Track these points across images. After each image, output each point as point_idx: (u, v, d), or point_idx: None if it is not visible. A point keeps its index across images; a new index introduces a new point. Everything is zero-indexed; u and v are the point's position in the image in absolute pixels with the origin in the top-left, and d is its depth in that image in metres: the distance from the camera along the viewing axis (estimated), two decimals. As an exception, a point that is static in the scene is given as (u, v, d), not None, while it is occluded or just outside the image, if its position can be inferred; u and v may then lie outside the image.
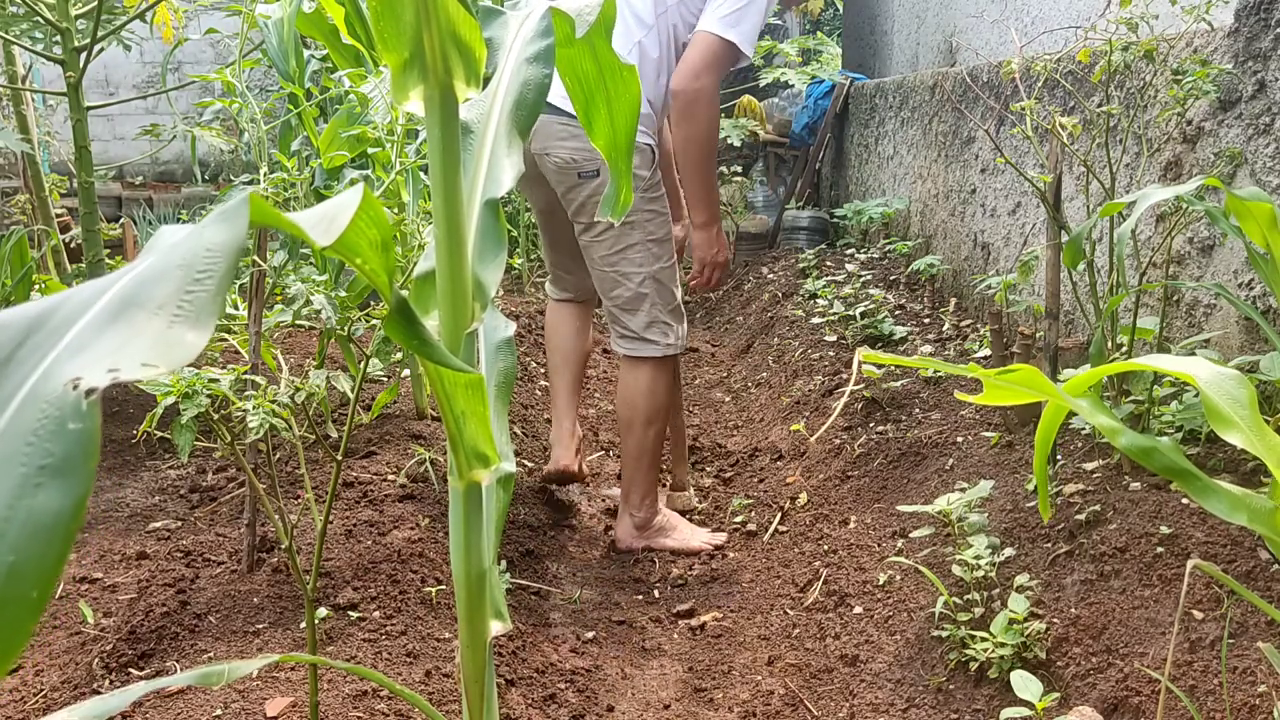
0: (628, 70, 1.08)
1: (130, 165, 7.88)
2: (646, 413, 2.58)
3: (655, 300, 2.49)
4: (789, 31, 7.95)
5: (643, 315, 2.50)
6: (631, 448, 2.62)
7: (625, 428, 2.63)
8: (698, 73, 2.30)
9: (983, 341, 2.96)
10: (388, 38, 0.84)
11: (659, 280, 2.50)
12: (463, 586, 0.96)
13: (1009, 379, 0.94)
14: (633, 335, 2.54)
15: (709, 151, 2.42)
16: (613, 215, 1.15)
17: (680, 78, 2.33)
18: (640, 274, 2.47)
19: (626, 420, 2.62)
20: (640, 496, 2.64)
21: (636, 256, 2.46)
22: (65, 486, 0.40)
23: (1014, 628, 1.66)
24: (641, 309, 2.50)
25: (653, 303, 2.49)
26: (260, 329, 1.88)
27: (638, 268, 2.47)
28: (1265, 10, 1.97)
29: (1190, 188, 1.47)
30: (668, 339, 2.54)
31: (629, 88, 1.10)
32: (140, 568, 2.07)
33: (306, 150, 3.13)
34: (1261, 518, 0.91)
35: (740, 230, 5.66)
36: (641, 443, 2.60)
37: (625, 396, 2.62)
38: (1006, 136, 3.07)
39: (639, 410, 2.58)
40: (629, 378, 2.59)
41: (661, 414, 2.61)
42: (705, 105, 2.33)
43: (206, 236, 0.52)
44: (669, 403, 2.64)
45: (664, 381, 2.58)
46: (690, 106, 2.32)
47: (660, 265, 2.49)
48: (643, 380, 2.57)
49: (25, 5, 3.01)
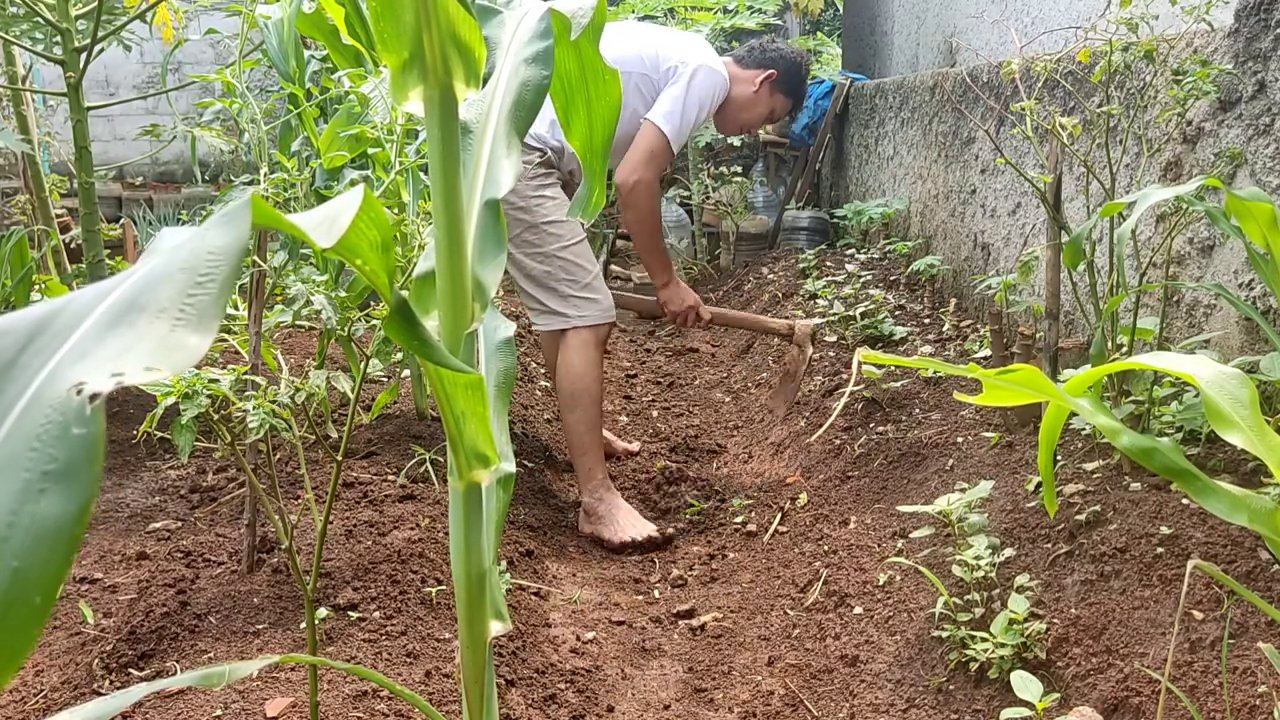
0: (610, 74, 1.08)
1: (130, 165, 7.87)
2: (567, 394, 2.75)
3: (562, 277, 2.71)
4: (789, 32, 7.95)
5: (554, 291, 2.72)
6: (566, 432, 2.81)
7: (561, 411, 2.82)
8: (636, 168, 2.70)
9: (983, 342, 2.96)
10: (388, 38, 0.84)
11: (563, 258, 2.70)
12: (463, 587, 0.96)
13: (1009, 379, 0.94)
14: (546, 309, 2.75)
15: (654, 229, 2.85)
16: (584, 215, 1.16)
17: (622, 171, 2.72)
18: (540, 253, 2.69)
19: (561, 405, 2.81)
20: (583, 480, 2.76)
21: (531, 238, 2.68)
22: (69, 492, 0.40)
23: (1014, 628, 1.66)
24: (550, 284, 2.72)
25: (559, 280, 2.71)
26: (260, 329, 1.88)
27: (537, 248, 2.68)
28: (1265, 10, 1.97)
29: (1190, 188, 1.47)
30: (580, 311, 2.73)
31: (610, 91, 1.10)
32: (140, 568, 2.07)
33: (307, 150, 3.13)
34: (1261, 518, 0.91)
35: (740, 230, 5.66)
36: (568, 427, 2.79)
37: (556, 380, 2.82)
38: (1006, 137, 3.07)
39: (562, 392, 2.78)
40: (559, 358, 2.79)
41: (582, 399, 2.73)
42: (644, 196, 2.74)
43: (209, 239, 0.52)
44: (590, 386, 2.74)
45: (582, 361, 2.73)
46: (631, 196, 2.73)
47: (563, 244, 2.70)
48: (564, 357, 2.76)
49: (25, 5, 3.01)
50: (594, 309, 2.74)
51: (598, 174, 1.15)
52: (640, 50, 2.76)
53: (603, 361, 2.89)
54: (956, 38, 4.01)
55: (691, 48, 2.81)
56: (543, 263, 2.69)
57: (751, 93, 3.01)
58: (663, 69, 2.75)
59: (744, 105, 3.01)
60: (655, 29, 2.98)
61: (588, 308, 2.73)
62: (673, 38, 2.87)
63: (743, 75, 3.01)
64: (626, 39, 2.80)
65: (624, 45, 2.75)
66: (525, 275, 2.73)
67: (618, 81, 1.10)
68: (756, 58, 3.06)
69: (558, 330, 2.80)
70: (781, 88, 3.06)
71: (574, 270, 2.71)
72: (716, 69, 2.79)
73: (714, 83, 2.78)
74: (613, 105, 1.11)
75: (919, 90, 4.18)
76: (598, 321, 2.75)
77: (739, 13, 5.93)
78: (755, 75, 3.01)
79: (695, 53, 2.79)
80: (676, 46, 2.80)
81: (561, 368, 2.77)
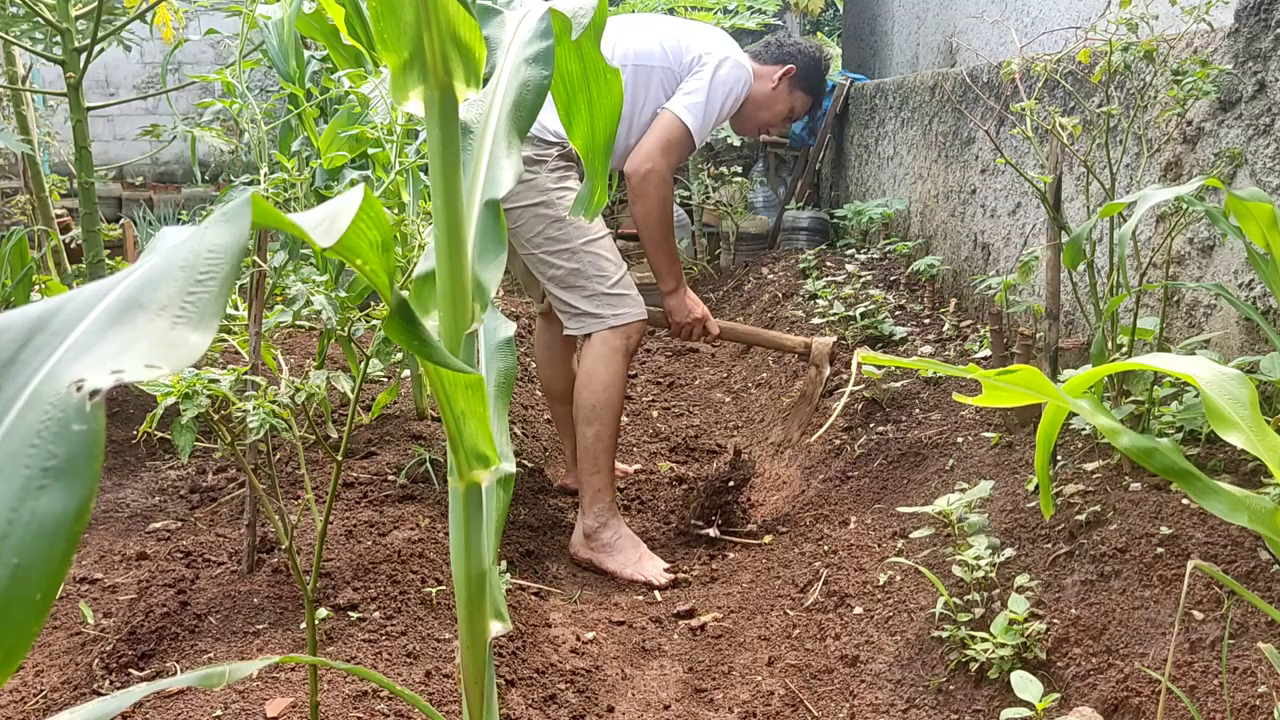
0: (612, 73, 1.09)
1: (130, 166, 7.88)
2: (586, 407, 2.53)
3: (591, 274, 2.52)
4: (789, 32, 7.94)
5: (582, 290, 2.53)
6: (579, 445, 2.59)
7: (576, 423, 2.61)
8: (651, 155, 2.51)
9: (983, 342, 2.96)
10: (388, 38, 0.85)
11: (591, 253, 2.52)
12: (463, 587, 0.97)
13: (1009, 380, 0.94)
14: (578, 311, 2.54)
15: (666, 226, 2.60)
16: (586, 214, 1.16)
17: (634, 159, 2.53)
18: (567, 249, 2.50)
19: (577, 416, 2.59)
20: (588, 501, 2.56)
21: (556, 233, 2.50)
22: (69, 488, 0.40)
23: (1014, 628, 1.66)
24: (578, 283, 2.52)
25: (588, 276, 2.52)
26: (260, 329, 1.88)
27: (564, 244, 2.50)
28: (1265, 10, 1.97)
29: (1190, 188, 1.47)
30: (615, 309, 2.52)
31: (612, 90, 1.10)
32: (140, 568, 2.07)
33: (307, 151, 3.13)
34: (1261, 518, 0.91)
35: (740, 231, 5.66)
36: (582, 441, 2.56)
37: (575, 388, 2.60)
38: (1006, 137, 3.07)
39: (581, 403, 2.55)
40: (581, 365, 2.58)
41: (602, 412, 2.52)
42: (655, 185, 2.53)
43: (209, 238, 0.52)
44: (614, 400, 2.54)
45: (609, 372, 2.52)
46: (641, 185, 2.53)
47: (588, 238, 2.52)
48: (588, 365, 2.54)
49: (25, 5, 3.01)
50: (629, 306, 2.54)
51: (599, 173, 1.15)
52: (662, 42, 2.62)
53: (628, 374, 2.64)
54: (956, 38, 4.01)
55: (715, 39, 2.68)
56: (570, 259, 2.50)
57: (770, 89, 2.86)
58: (685, 60, 2.61)
59: (763, 103, 2.86)
60: (676, 21, 2.82)
61: (622, 305, 2.53)
62: (695, 29, 2.72)
63: (761, 71, 2.85)
64: (648, 31, 2.65)
65: (645, 38, 2.62)
66: (552, 279, 2.54)
67: (619, 80, 1.10)
68: (774, 53, 2.91)
69: (574, 337, 2.63)
70: (801, 84, 2.91)
71: (603, 265, 2.52)
72: (742, 61, 2.65)
73: (739, 76, 2.63)
74: (614, 104, 1.11)
75: (919, 90, 4.18)
76: (633, 319, 2.54)
77: (739, 13, 5.93)
78: (774, 71, 2.86)
79: (719, 45, 2.65)
80: (699, 38, 2.66)
81: (584, 376, 2.55)
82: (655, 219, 2.58)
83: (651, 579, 2.45)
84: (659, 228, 2.60)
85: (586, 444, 2.55)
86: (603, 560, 2.52)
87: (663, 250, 2.65)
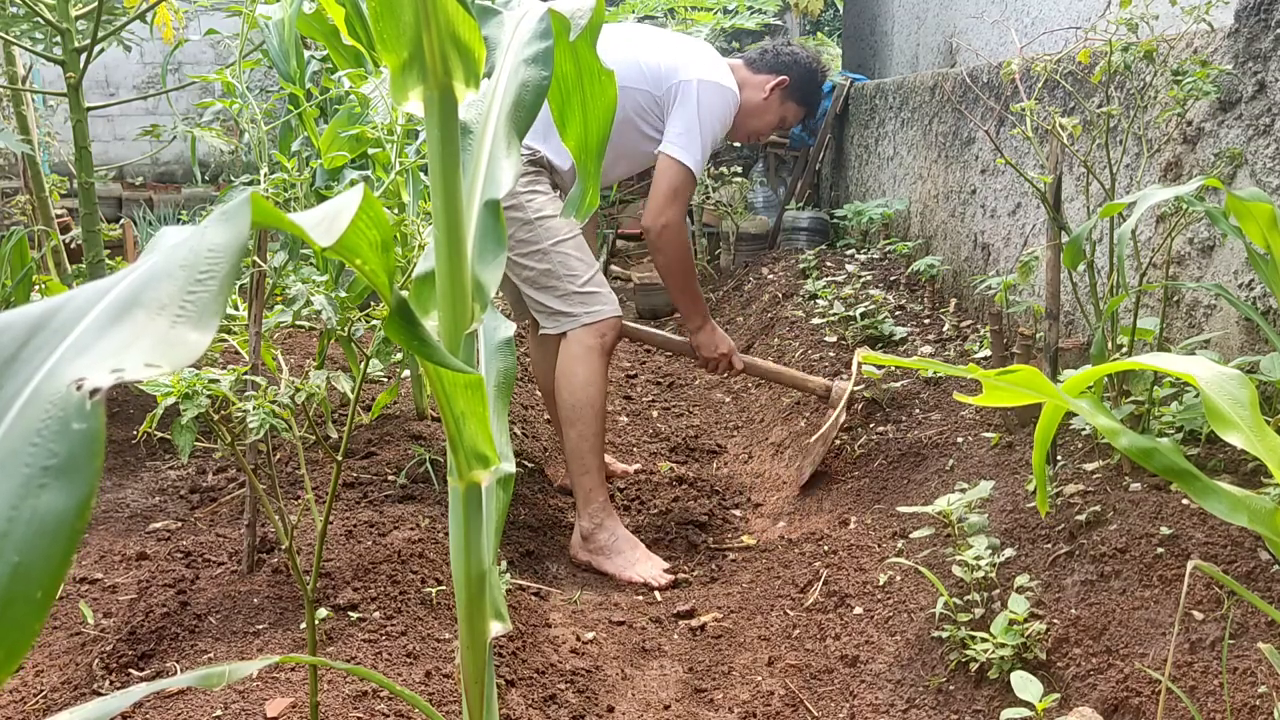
0: (606, 75, 1.09)
1: (130, 166, 7.88)
2: (567, 406, 2.54)
3: (562, 274, 2.54)
4: (789, 32, 7.95)
5: (554, 290, 2.55)
6: (565, 447, 2.61)
7: (559, 424, 2.62)
8: (663, 210, 2.58)
9: (983, 342, 2.96)
10: (387, 38, 0.85)
11: (561, 253, 2.53)
12: (463, 587, 0.97)
13: (1009, 380, 0.94)
14: (552, 311, 2.56)
15: (687, 273, 2.71)
16: (578, 216, 1.16)
17: (648, 216, 2.61)
18: (538, 250, 2.52)
19: (560, 417, 2.60)
20: (582, 503, 2.56)
21: (526, 235, 2.52)
22: (69, 486, 0.40)
23: (1014, 628, 1.66)
24: (550, 283, 2.54)
25: (559, 276, 2.54)
26: (260, 329, 1.88)
27: (534, 246, 2.52)
28: (1265, 10, 1.98)
29: (1190, 188, 1.47)
30: (587, 307, 2.54)
31: (606, 92, 1.10)
32: (140, 568, 2.07)
33: (307, 151, 3.13)
34: (1261, 518, 0.91)
35: (740, 231, 5.66)
36: (567, 443, 2.58)
37: (555, 389, 2.61)
38: (1006, 137, 3.07)
39: (561, 403, 2.57)
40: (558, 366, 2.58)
41: (583, 410, 2.52)
42: (672, 237, 2.62)
43: (209, 237, 0.52)
44: (594, 398, 2.53)
45: (586, 370, 2.52)
46: (659, 240, 2.61)
47: (557, 239, 2.53)
48: (564, 366, 2.55)
49: (25, 5, 3.01)
50: (600, 304, 2.55)
51: (592, 174, 1.15)
52: (640, 61, 2.60)
53: (608, 371, 2.62)
54: (956, 38, 4.01)
55: (696, 58, 2.64)
56: (541, 260, 2.51)
57: (761, 99, 2.83)
58: (665, 86, 2.59)
59: (752, 112, 2.83)
60: (655, 33, 2.79)
61: (594, 302, 2.54)
62: (676, 46, 2.69)
63: (753, 80, 2.83)
64: (628, 49, 2.62)
65: (623, 55, 2.58)
66: (525, 279, 2.56)
67: (614, 82, 1.10)
68: (769, 62, 2.88)
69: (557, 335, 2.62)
70: (794, 95, 2.88)
71: (572, 265, 2.53)
72: (723, 83, 2.63)
73: (725, 99, 2.63)
74: (608, 106, 1.11)
75: (919, 90, 4.18)
76: (606, 317, 2.54)
77: (739, 13, 5.93)
78: (766, 81, 2.83)
79: (700, 65, 2.62)
80: (680, 57, 2.62)
81: (561, 378, 2.55)
82: (677, 268, 2.69)
83: (650, 580, 2.45)
84: (681, 275, 2.71)
85: (571, 445, 2.56)
86: (601, 562, 2.53)
87: (687, 294, 2.75)
